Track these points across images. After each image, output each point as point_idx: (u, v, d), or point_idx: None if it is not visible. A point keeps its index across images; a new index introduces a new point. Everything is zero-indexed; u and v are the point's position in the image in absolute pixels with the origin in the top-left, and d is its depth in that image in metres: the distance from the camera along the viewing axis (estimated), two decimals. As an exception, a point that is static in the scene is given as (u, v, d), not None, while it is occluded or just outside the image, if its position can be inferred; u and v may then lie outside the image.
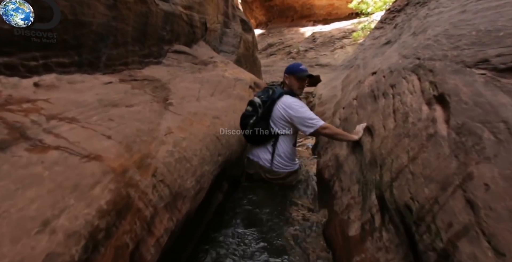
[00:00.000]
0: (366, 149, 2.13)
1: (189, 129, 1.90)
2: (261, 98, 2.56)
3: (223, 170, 2.15)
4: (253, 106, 2.55)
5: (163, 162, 1.51)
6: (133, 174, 1.29)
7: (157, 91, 2.34)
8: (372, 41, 8.18)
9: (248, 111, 2.56)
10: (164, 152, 1.57)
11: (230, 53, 5.85)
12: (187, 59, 3.61)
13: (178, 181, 1.54)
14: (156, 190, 1.39)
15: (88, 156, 1.21)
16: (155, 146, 1.54)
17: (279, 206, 2.43)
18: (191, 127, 1.95)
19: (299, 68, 2.64)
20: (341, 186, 2.25)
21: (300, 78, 2.66)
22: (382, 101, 2.38)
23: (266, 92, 2.60)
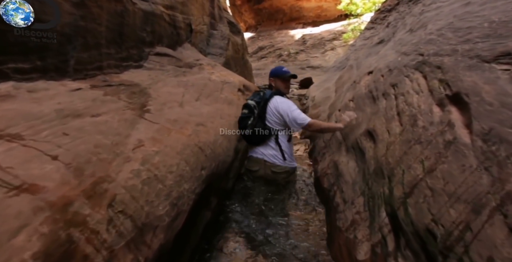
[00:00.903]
0: (369, 156, 1.91)
1: (165, 140, 1.63)
2: (254, 100, 2.71)
3: (209, 185, 1.89)
4: (249, 108, 2.69)
5: (125, 186, 1.20)
6: (79, 207, 0.99)
7: (134, 97, 2.09)
8: (364, 41, 8.08)
9: (245, 113, 2.68)
10: (127, 172, 1.26)
11: (218, 55, 5.61)
12: (171, 62, 3.36)
13: (145, 208, 1.23)
14: (113, 226, 1.08)
15: (19, 187, 0.93)
16: (116, 165, 1.25)
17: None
18: (168, 137, 1.67)
19: (282, 70, 2.83)
20: (343, 197, 2.02)
21: (284, 79, 2.83)
22: (383, 102, 2.17)
23: (258, 95, 2.76)
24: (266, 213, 2.33)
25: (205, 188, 1.77)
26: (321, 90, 6.88)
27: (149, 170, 1.37)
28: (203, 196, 1.76)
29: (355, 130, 2.40)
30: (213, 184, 1.93)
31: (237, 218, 2.28)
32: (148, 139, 1.54)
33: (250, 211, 2.40)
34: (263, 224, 2.23)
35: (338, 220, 1.91)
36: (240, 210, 2.38)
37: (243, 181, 2.91)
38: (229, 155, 2.30)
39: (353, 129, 2.48)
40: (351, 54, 8.07)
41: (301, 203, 2.62)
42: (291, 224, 2.27)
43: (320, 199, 2.60)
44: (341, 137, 2.70)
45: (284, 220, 2.30)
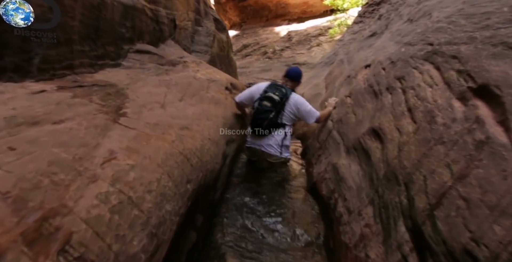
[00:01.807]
0: (376, 159, 1.70)
1: (144, 149, 1.35)
2: (277, 95, 2.79)
3: (195, 201, 1.61)
4: (273, 102, 2.78)
5: (86, 219, 0.89)
6: (14, 259, 0.69)
7: (109, 99, 1.84)
8: (352, 35, 7.97)
9: (267, 106, 2.77)
10: (91, 197, 0.95)
11: (203, 53, 5.35)
12: (152, 60, 3.10)
13: (114, 247, 0.92)
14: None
15: None
16: (77, 188, 0.94)
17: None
18: (146, 146, 1.38)
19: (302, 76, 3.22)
20: (347, 206, 1.81)
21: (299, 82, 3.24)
22: (388, 97, 1.98)
23: (278, 90, 2.84)
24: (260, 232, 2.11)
25: (191, 205, 1.51)
26: (309, 87, 6.70)
27: (122, 192, 1.06)
28: (188, 215, 1.52)
29: (356, 129, 2.20)
30: (199, 198, 1.67)
31: (228, 239, 2.00)
32: (122, 150, 1.26)
33: (241, 229, 2.12)
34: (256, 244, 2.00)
35: (343, 233, 1.70)
36: (230, 228, 2.10)
37: (233, 187, 2.70)
38: (217, 162, 2.01)
39: (354, 128, 2.28)
40: (339, 49, 7.96)
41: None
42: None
43: (319, 208, 2.38)
44: (338, 136, 2.49)
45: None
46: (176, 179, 1.37)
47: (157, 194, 1.20)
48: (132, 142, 1.34)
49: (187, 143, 1.64)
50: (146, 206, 1.11)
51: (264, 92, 2.86)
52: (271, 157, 2.90)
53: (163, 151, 1.42)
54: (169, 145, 1.50)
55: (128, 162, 1.21)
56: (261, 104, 2.80)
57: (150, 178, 1.23)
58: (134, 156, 1.26)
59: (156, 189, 1.22)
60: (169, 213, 1.21)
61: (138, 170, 1.20)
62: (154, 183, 1.23)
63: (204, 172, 1.64)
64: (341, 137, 2.40)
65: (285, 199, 2.53)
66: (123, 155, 1.23)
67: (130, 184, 1.11)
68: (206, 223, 1.89)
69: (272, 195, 2.59)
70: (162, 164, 1.35)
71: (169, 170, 1.36)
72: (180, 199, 1.32)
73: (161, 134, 1.54)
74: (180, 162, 1.47)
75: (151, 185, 1.21)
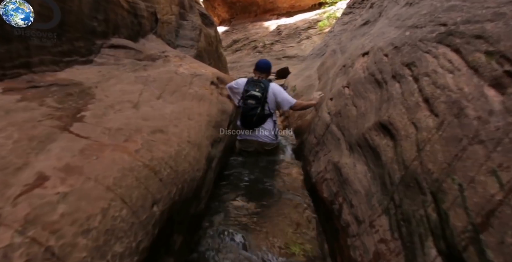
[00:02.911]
0: (388, 159, 1.44)
1: (90, 167, 1.03)
2: (257, 91, 3.04)
3: (169, 221, 1.28)
4: (256, 99, 3.04)
5: None
6: None
7: (69, 100, 1.55)
8: (342, 26, 7.78)
9: (252, 104, 3.04)
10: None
11: (189, 47, 5.04)
12: (129, 55, 2.80)
13: None
14: None
15: None
16: None
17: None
18: (95, 162, 1.07)
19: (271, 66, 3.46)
20: (355, 214, 1.55)
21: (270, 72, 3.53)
22: (395, 86, 1.72)
23: (258, 86, 3.07)
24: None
25: (162, 230, 1.20)
26: (301, 79, 6.46)
27: (36, 242, 0.73)
28: (159, 241, 1.20)
29: (358, 123, 1.94)
30: (174, 217, 1.36)
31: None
32: (58, 170, 0.96)
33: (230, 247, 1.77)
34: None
35: (353, 249, 1.44)
36: (218, 246, 1.75)
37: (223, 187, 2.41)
38: (199, 168, 1.67)
39: (355, 121, 2.02)
40: (330, 40, 7.75)
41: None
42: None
43: (319, 214, 2.10)
44: (338, 131, 2.23)
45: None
46: (135, 204, 1.05)
47: (100, 233, 0.88)
48: (76, 158, 1.05)
49: (157, 151, 1.35)
50: (76, 257, 0.78)
51: (245, 91, 3.09)
52: (267, 145, 3.27)
53: (120, 166, 1.12)
54: (130, 156, 1.20)
55: (60, 189, 0.90)
56: (246, 103, 3.07)
57: (90, 210, 0.91)
58: (72, 179, 0.96)
59: (99, 226, 0.89)
60: (119, 256, 0.88)
61: (72, 200, 0.89)
62: (95, 217, 0.90)
63: (179, 185, 1.34)
64: (342, 132, 2.14)
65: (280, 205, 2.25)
66: (56, 179, 0.92)
67: (53, 227, 0.80)
68: (186, 243, 1.57)
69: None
70: (114, 185, 1.03)
71: (125, 192, 1.04)
72: (140, 231, 1.01)
73: (121, 143, 1.25)
74: (143, 179, 1.16)
75: (91, 221, 0.88)
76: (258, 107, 3.02)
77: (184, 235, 1.45)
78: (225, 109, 2.62)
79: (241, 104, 3.10)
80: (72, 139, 1.14)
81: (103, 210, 0.94)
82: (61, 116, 1.30)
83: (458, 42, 1.39)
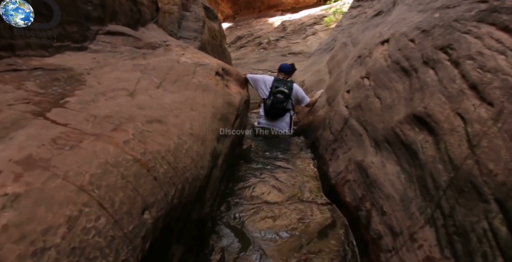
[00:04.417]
0: (428, 157, 1.22)
1: (60, 159, 0.79)
2: (285, 88, 3.73)
3: (164, 232, 1.02)
4: (284, 94, 3.70)
5: None
6: None
7: (53, 85, 1.34)
8: (351, 20, 7.60)
9: (281, 98, 3.70)
10: None
11: (192, 39, 4.80)
12: (127, 42, 2.58)
13: None
14: None
15: None
16: None
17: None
18: (68, 153, 0.83)
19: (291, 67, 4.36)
20: (388, 224, 1.32)
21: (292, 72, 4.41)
22: (429, 73, 1.49)
23: (285, 85, 3.80)
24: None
25: (156, 242, 0.95)
26: (310, 74, 6.23)
27: None
28: (152, 258, 0.95)
29: (385, 116, 1.72)
30: (172, 225, 1.10)
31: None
32: (14, 163, 0.72)
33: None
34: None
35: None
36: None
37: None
38: (203, 165, 1.42)
39: (379, 114, 1.79)
40: (338, 35, 7.55)
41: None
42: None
43: (347, 219, 1.85)
44: (359, 126, 1.99)
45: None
46: (118, 210, 0.80)
47: (61, 254, 0.62)
48: (44, 148, 0.81)
49: (152, 143, 1.11)
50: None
51: (275, 87, 3.77)
52: (283, 134, 3.81)
53: (101, 160, 0.87)
54: (117, 148, 0.96)
55: (9, 189, 0.65)
56: (276, 97, 3.72)
57: (50, 220, 0.65)
58: (32, 175, 0.72)
59: (61, 244, 0.63)
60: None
61: (25, 205, 0.64)
62: (57, 229, 0.65)
63: (179, 185, 1.10)
64: (364, 127, 1.91)
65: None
66: (7, 175, 0.68)
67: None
68: (188, 254, 1.31)
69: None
70: (90, 185, 0.79)
71: (104, 194, 0.79)
72: (124, 246, 0.76)
73: (107, 132, 1.02)
74: (132, 177, 0.91)
75: (49, 237, 0.63)
76: (284, 101, 3.70)
77: (185, 246, 1.23)
78: (231, 102, 2.39)
79: (272, 97, 3.72)
80: (45, 126, 0.92)
81: (69, 219, 0.69)
82: (40, 101, 1.09)
83: (505, 19, 1.17)
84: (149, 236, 0.87)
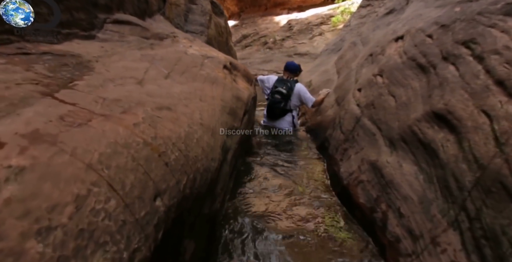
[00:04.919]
0: (449, 156, 1.16)
1: (68, 135, 0.74)
2: (284, 89, 3.73)
3: (177, 223, 0.96)
4: (282, 94, 3.72)
5: None
6: None
7: (62, 70, 1.29)
8: (360, 20, 7.52)
9: (278, 98, 3.73)
10: None
11: (199, 33, 4.75)
12: (134, 32, 2.53)
13: None
14: None
15: None
16: None
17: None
18: (75, 130, 0.77)
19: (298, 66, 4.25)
20: (407, 227, 1.27)
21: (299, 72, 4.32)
22: (449, 69, 1.44)
23: (285, 85, 3.77)
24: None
25: (168, 233, 0.89)
26: (317, 74, 6.16)
27: None
28: (164, 250, 0.91)
29: (400, 114, 1.66)
30: (185, 217, 1.03)
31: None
32: (20, 137, 0.66)
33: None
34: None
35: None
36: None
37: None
38: (214, 157, 1.35)
39: (394, 113, 1.74)
40: (346, 35, 7.48)
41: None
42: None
43: (358, 222, 1.80)
44: (372, 125, 1.94)
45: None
46: (130, 194, 0.74)
47: (68, 235, 0.57)
48: (51, 124, 0.76)
49: (162, 128, 1.06)
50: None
51: (274, 87, 3.81)
52: (283, 133, 3.76)
53: (110, 140, 0.82)
54: (127, 130, 0.90)
55: (14, 162, 0.60)
56: (274, 97, 3.77)
57: (57, 197, 0.60)
58: (38, 149, 0.66)
59: (68, 224, 0.58)
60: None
61: (29, 179, 0.59)
62: (64, 208, 0.60)
63: (191, 174, 1.05)
64: (377, 126, 1.86)
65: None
66: (13, 148, 0.63)
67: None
68: (200, 251, 1.24)
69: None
70: (99, 164, 0.73)
71: (114, 175, 0.74)
72: (136, 233, 0.70)
73: (117, 114, 0.97)
74: (143, 160, 0.86)
75: (55, 215, 0.58)
76: (282, 102, 3.72)
77: (196, 241, 1.17)
78: (240, 96, 2.34)
79: (270, 97, 3.81)
80: (53, 104, 0.87)
81: (77, 198, 0.63)
82: (49, 83, 1.04)
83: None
84: (161, 225, 0.82)
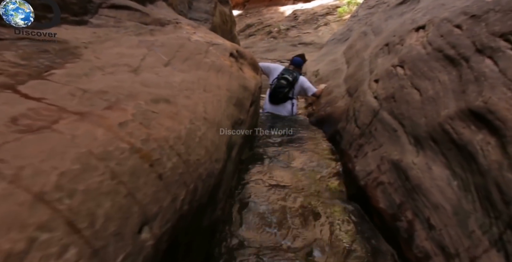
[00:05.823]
0: (491, 163, 0.99)
1: (12, 149, 0.52)
2: (290, 77, 4.11)
3: (169, 251, 0.76)
4: (287, 81, 4.08)
5: None
6: None
7: (40, 57, 1.11)
8: (368, 10, 7.33)
9: (283, 84, 4.08)
10: None
11: (203, 21, 4.54)
12: (133, 17, 2.33)
13: None
14: None
15: None
16: None
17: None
18: (30, 139, 0.56)
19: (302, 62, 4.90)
20: (438, 241, 1.09)
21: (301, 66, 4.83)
22: (485, 63, 1.24)
23: (291, 74, 4.15)
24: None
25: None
26: (324, 63, 5.95)
27: None
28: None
29: (427, 110, 1.48)
30: (180, 239, 0.84)
31: None
32: None
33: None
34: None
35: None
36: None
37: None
38: (218, 158, 1.16)
39: (419, 107, 1.56)
40: (353, 25, 7.31)
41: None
42: None
43: (379, 232, 1.60)
44: (393, 120, 1.74)
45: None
46: (101, 231, 0.53)
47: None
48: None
49: (158, 127, 0.86)
50: None
51: (281, 74, 4.17)
52: (283, 116, 4.10)
53: (82, 149, 0.61)
54: (108, 133, 0.70)
55: None
56: (279, 82, 4.12)
57: None
58: None
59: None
60: None
61: None
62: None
63: (191, 185, 0.85)
64: (399, 121, 1.67)
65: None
66: None
67: None
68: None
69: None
70: (55, 191, 0.51)
71: (79, 207, 0.53)
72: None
73: (99, 110, 0.78)
74: (128, 175, 0.65)
75: None
76: (286, 87, 4.06)
77: (192, 259, 1.00)
78: (247, 86, 2.14)
79: (275, 82, 4.13)
80: (10, 100, 0.69)
81: (8, 258, 0.41)
82: (17, 73, 0.86)
83: None
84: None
